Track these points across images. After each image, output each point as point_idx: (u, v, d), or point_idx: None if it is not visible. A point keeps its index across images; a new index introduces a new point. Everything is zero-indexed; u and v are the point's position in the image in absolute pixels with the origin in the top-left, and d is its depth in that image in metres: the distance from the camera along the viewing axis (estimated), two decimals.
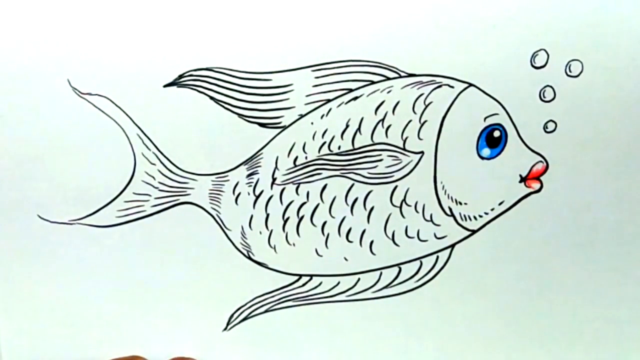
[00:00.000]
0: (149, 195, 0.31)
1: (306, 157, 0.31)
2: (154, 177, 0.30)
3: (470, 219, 0.33)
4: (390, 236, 0.32)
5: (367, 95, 0.30)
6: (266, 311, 0.33)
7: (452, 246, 0.33)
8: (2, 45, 0.28)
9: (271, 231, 0.32)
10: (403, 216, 0.32)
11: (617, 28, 0.31)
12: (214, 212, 0.31)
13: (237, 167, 0.31)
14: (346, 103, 0.30)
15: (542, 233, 0.33)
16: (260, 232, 0.32)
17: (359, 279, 0.33)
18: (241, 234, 0.32)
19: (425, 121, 0.31)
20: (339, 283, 0.33)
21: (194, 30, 0.29)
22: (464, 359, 0.34)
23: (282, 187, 0.31)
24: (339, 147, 0.31)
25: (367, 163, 0.31)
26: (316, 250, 0.32)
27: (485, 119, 0.32)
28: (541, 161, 0.32)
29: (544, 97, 0.31)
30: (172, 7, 0.28)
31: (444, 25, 0.30)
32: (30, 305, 0.31)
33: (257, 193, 0.31)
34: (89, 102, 0.29)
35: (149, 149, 0.30)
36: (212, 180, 0.31)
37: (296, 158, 0.31)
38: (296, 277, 0.32)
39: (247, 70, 0.29)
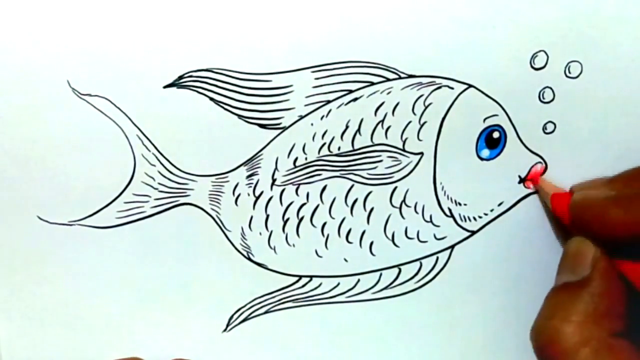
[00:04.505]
0: (149, 197, 0.31)
1: (306, 158, 0.31)
2: (153, 178, 0.30)
3: (469, 220, 0.33)
4: (390, 237, 0.32)
5: (367, 97, 0.31)
6: (266, 312, 0.33)
7: (452, 247, 0.33)
8: (2, 45, 0.28)
9: (271, 232, 0.32)
10: (403, 217, 0.32)
11: (616, 29, 0.31)
12: (213, 213, 0.31)
13: (237, 168, 0.31)
14: (346, 104, 0.30)
15: (541, 233, 0.33)
16: (260, 233, 0.32)
17: (358, 280, 0.33)
18: (241, 234, 0.32)
19: (425, 122, 0.31)
20: (338, 284, 0.33)
21: (194, 30, 0.28)
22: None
23: (282, 188, 0.31)
24: (339, 148, 0.31)
25: (367, 164, 0.31)
26: (316, 251, 0.32)
27: (484, 120, 0.32)
28: (540, 162, 0.32)
29: (543, 98, 0.32)
30: (172, 7, 0.28)
31: (443, 27, 0.30)
32: (30, 306, 0.31)
33: (257, 194, 0.31)
34: (88, 103, 0.29)
35: (148, 150, 0.30)
36: (212, 181, 0.31)
37: (296, 159, 0.31)
38: (296, 278, 0.32)
39: (247, 71, 0.29)
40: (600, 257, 0.29)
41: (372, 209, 0.32)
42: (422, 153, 0.32)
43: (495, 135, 0.32)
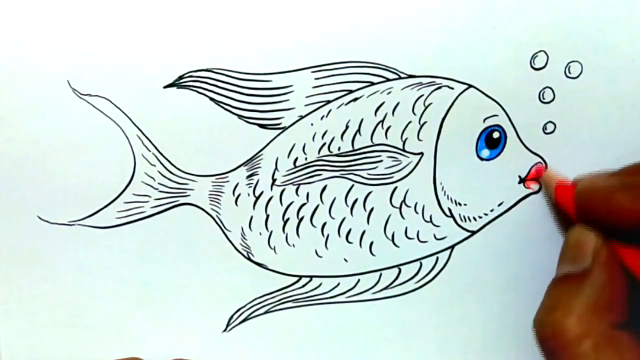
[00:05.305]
0: (149, 197, 0.31)
1: (306, 158, 0.31)
2: (153, 178, 0.30)
3: (469, 220, 0.33)
4: (390, 237, 0.32)
5: (367, 97, 0.31)
6: (266, 312, 0.33)
7: (452, 247, 0.33)
8: (2, 45, 0.28)
9: (271, 232, 0.32)
10: (403, 217, 0.32)
11: (616, 29, 0.31)
12: (213, 213, 0.31)
13: (237, 168, 0.31)
14: (346, 104, 0.31)
15: (541, 233, 0.33)
16: (260, 233, 0.32)
17: (358, 280, 0.33)
18: (241, 235, 0.32)
19: (425, 122, 0.31)
20: (338, 284, 0.33)
21: (194, 30, 0.29)
22: None
23: (282, 188, 0.31)
24: (339, 148, 0.31)
25: (367, 164, 0.31)
26: (316, 252, 0.32)
27: (484, 120, 0.32)
28: (540, 162, 0.33)
29: (543, 98, 0.32)
30: (172, 7, 0.28)
31: (443, 27, 0.30)
32: (29, 306, 0.31)
33: (257, 194, 0.31)
34: (88, 103, 0.29)
35: (148, 150, 0.30)
36: (212, 182, 0.31)
37: (296, 159, 0.31)
38: (296, 278, 0.32)
39: (247, 71, 0.29)
40: (601, 248, 0.29)
41: (372, 209, 0.32)
42: (422, 153, 0.32)
43: (495, 135, 0.32)
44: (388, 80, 0.30)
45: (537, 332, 0.29)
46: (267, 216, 0.31)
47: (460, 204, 0.32)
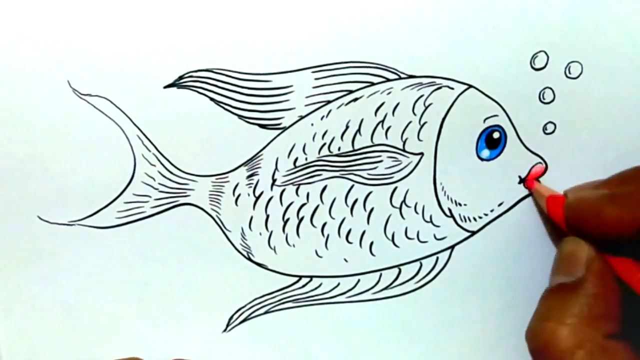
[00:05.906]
0: (149, 197, 0.31)
1: (306, 158, 0.31)
2: (153, 178, 0.30)
3: (469, 220, 0.33)
4: (390, 237, 0.32)
5: (367, 97, 0.31)
6: (266, 312, 0.33)
7: (452, 247, 0.33)
8: (2, 45, 0.28)
9: (271, 232, 0.32)
10: (403, 217, 0.32)
11: (616, 30, 0.31)
12: (214, 214, 0.31)
13: (237, 168, 0.31)
14: (346, 104, 0.31)
15: (541, 233, 0.33)
16: (260, 233, 0.32)
17: (358, 280, 0.33)
18: (241, 235, 0.32)
19: (425, 122, 0.31)
20: (339, 284, 0.33)
21: (194, 30, 0.29)
22: None
23: (282, 188, 0.31)
24: (339, 148, 0.31)
25: (367, 164, 0.31)
26: (316, 252, 0.32)
27: (484, 120, 0.32)
28: (540, 162, 0.33)
29: (544, 98, 0.32)
30: (172, 7, 0.28)
31: (444, 27, 0.30)
32: (29, 306, 0.31)
33: (257, 194, 0.31)
34: (88, 103, 0.29)
35: (148, 150, 0.30)
36: (212, 182, 0.31)
37: (296, 159, 0.31)
38: (296, 278, 0.32)
39: (247, 71, 0.29)
40: (594, 258, 0.29)
41: (372, 209, 0.32)
42: (422, 153, 0.32)
43: (496, 135, 0.32)
44: (388, 80, 0.30)
45: (530, 342, 0.29)
46: (267, 216, 0.31)
47: (460, 204, 0.32)
